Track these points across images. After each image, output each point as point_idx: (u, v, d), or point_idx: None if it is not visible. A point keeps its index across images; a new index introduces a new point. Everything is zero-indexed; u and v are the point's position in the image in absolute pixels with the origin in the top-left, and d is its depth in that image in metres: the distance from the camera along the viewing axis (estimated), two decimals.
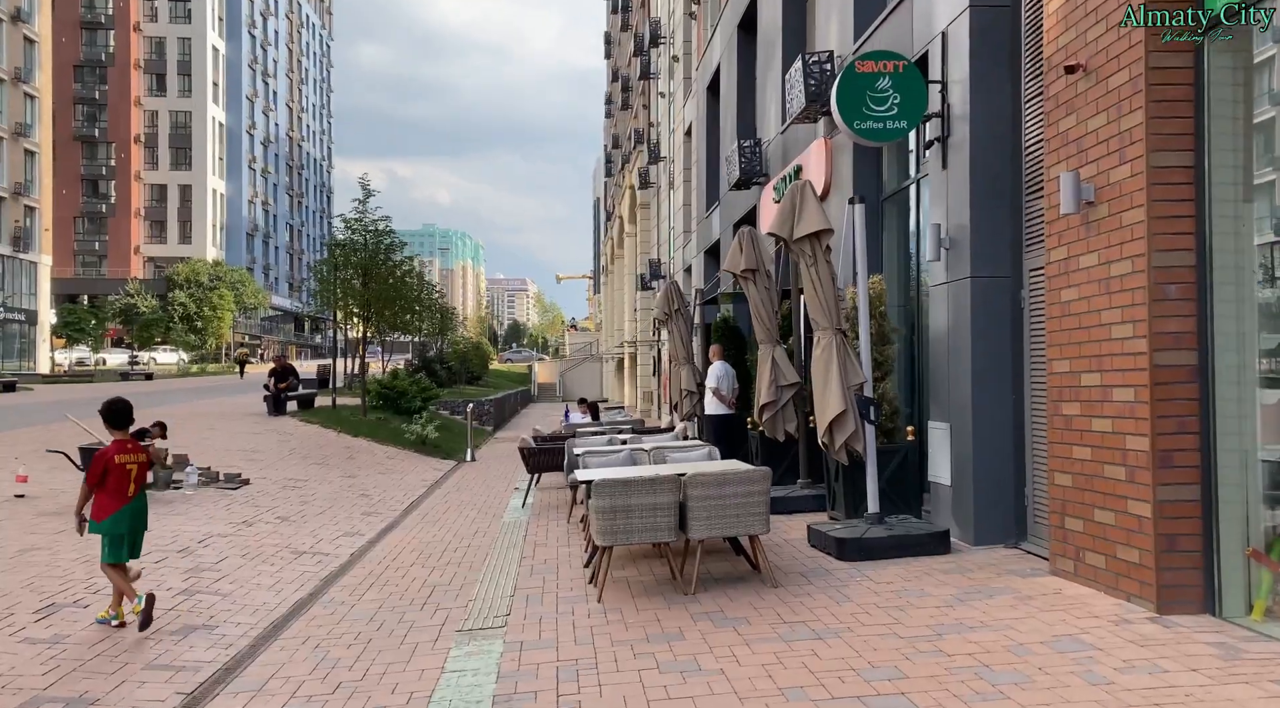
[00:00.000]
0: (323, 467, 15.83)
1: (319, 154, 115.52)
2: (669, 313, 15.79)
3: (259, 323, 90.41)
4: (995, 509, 7.67)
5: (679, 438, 11.24)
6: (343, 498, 12.98)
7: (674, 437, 11.19)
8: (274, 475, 14.27)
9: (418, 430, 19.52)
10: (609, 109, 57.27)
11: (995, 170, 7.73)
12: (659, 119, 31.94)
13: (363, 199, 21.63)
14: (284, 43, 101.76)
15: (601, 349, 62.20)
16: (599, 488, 6.51)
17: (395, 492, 14.10)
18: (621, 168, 44.68)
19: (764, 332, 10.18)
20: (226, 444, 17.07)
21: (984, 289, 7.70)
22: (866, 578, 6.85)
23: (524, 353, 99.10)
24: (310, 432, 19.53)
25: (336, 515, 11.56)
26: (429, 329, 39.54)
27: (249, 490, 12.75)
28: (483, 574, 7.85)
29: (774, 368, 10.06)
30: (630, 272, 41.99)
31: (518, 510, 11.56)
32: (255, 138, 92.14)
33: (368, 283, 21.44)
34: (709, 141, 21.27)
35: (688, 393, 15.48)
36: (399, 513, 12.12)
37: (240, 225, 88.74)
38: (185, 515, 10.67)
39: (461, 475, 16.57)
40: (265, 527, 10.37)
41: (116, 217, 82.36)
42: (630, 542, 6.65)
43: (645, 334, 34.44)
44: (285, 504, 11.97)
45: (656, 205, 32.13)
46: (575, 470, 10.59)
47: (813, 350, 7.85)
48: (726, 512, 6.64)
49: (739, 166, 15.01)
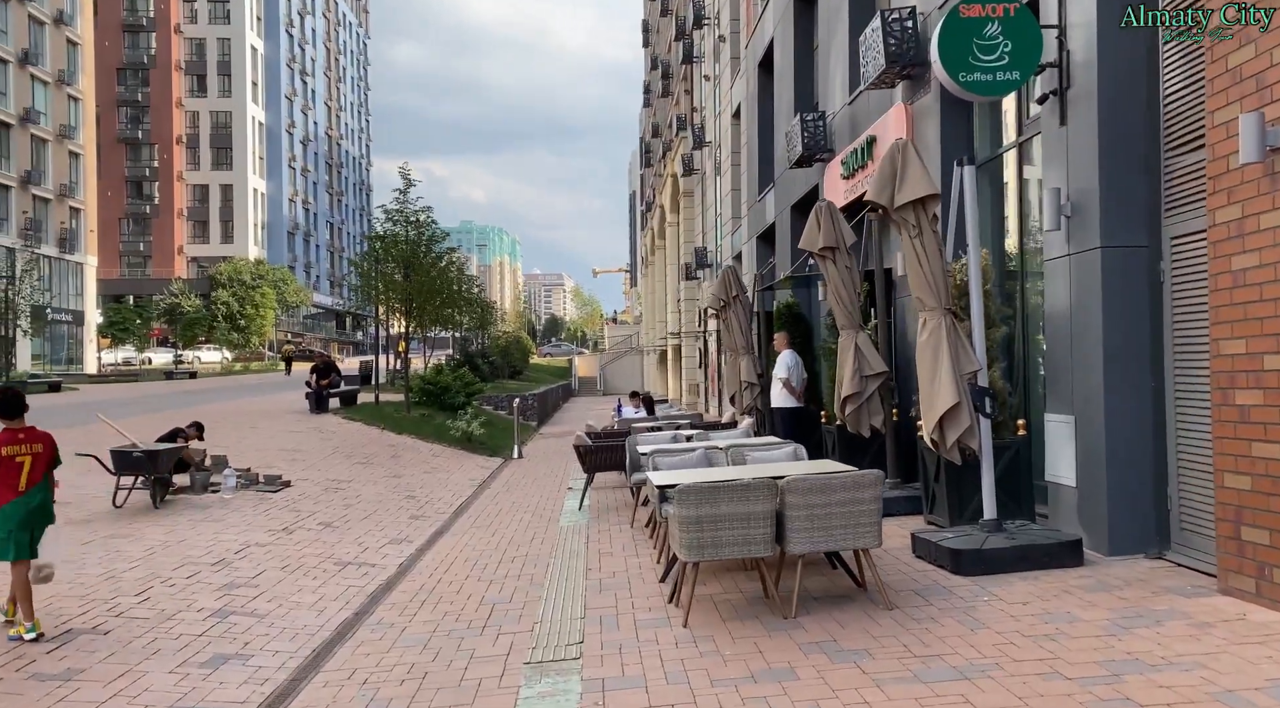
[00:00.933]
0: (366, 466, 15.14)
1: (357, 152, 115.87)
2: (726, 300, 14.86)
3: (301, 321, 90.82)
4: (1133, 514, 6.66)
5: (748, 434, 10.31)
6: (388, 500, 12.24)
7: (743, 433, 10.27)
8: (316, 476, 13.59)
9: (463, 427, 18.81)
10: (647, 98, 56.26)
11: (1128, 124, 6.70)
12: (703, 104, 30.93)
13: (403, 189, 20.95)
14: (321, 41, 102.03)
15: (642, 342, 61.33)
16: (684, 495, 5.63)
17: (442, 492, 13.34)
18: (663, 156, 43.70)
19: (845, 316, 9.22)
20: (267, 443, 16.46)
21: (1117, 261, 6.68)
22: (995, 597, 5.89)
23: (563, 347, 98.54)
24: (353, 429, 18.90)
25: (382, 520, 10.80)
26: (470, 323, 38.96)
27: (290, 493, 12.06)
28: (546, 590, 7.01)
29: (857, 356, 9.11)
30: (672, 262, 41.02)
31: (575, 514, 10.73)
32: (294, 136, 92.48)
33: (409, 275, 20.74)
34: (761, 121, 20.25)
35: (748, 385, 14.57)
36: (448, 516, 11.35)
37: (281, 224, 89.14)
38: (222, 522, 9.97)
39: (510, 474, 15.79)
40: (307, 534, 9.63)
41: (160, 217, 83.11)
42: (719, 557, 5.75)
43: (690, 325, 33.49)
44: (328, 508, 11.24)
45: (701, 192, 31.15)
46: (639, 471, 9.74)
47: (918, 335, 6.88)
48: (831, 522, 5.72)
49: (801, 142, 14.02)
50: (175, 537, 9.08)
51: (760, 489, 5.68)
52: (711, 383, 29.28)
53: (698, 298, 32.77)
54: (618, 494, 12.03)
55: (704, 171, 30.81)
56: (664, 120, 46.49)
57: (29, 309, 42.69)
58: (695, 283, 32.68)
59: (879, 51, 10.14)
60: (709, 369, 29.49)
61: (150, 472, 10.46)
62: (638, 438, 9.92)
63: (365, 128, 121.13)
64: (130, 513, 10.28)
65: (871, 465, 9.05)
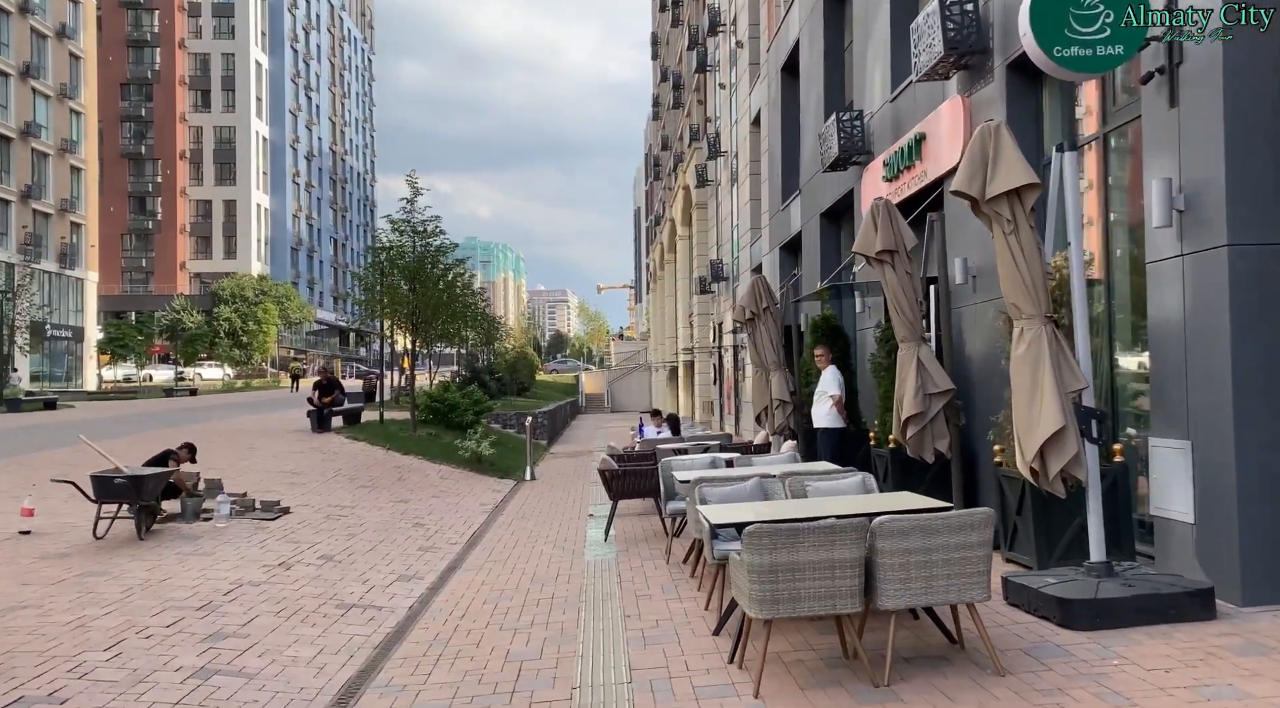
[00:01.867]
0: (371, 490, 14.19)
1: (362, 167, 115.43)
2: (755, 312, 13.94)
3: (304, 337, 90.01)
4: (1271, 557, 5.70)
5: (795, 458, 9.35)
6: (395, 529, 11.29)
7: (790, 457, 9.32)
8: (317, 501, 12.64)
9: (472, 447, 17.86)
10: (656, 111, 55.61)
11: (1260, 102, 5.78)
12: (717, 113, 30.14)
13: (410, 198, 20.06)
14: (326, 56, 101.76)
15: (650, 358, 60.40)
16: (756, 539, 4.68)
17: (453, 520, 12.38)
18: (674, 169, 42.92)
19: (906, 327, 8.29)
20: (266, 465, 15.51)
21: (1249, 261, 5.75)
22: (1123, 659, 4.93)
23: (569, 363, 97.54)
24: (356, 450, 17.96)
25: (389, 552, 9.85)
26: (476, 339, 38.07)
27: (288, 522, 11.10)
28: (581, 642, 6.05)
29: (920, 372, 8.17)
30: (683, 277, 40.16)
31: (600, 546, 9.76)
32: (299, 152, 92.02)
33: (415, 288, 19.84)
34: (784, 127, 19.40)
35: (779, 403, 13.63)
36: (460, 547, 10.39)
37: (285, 240, 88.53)
38: (213, 556, 9.01)
39: (524, 499, 14.83)
40: (306, 570, 8.67)
41: (163, 233, 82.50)
42: (797, 614, 4.80)
43: (705, 340, 32.58)
44: (330, 538, 10.28)
45: (716, 203, 30.30)
46: (675, 499, 8.79)
47: (1014, 348, 5.95)
48: (933, 571, 4.76)
49: (837, 144, 13.13)
50: (159, 574, 8.13)
51: (849, 532, 4.73)
52: (728, 400, 28.32)
53: (712, 312, 31.87)
54: (645, 523, 11.06)
55: (719, 182, 29.97)
56: (674, 132, 45.75)
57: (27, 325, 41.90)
58: (710, 297, 31.79)
59: (935, 38, 9.25)
60: (725, 386, 28.54)
61: (135, 499, 9.52)
62: (672, 462, 8.97)
63: (370, 143, 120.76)
64: (112, 545, 9.33)
65: (931, 493, 8.10)
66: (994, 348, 8.86)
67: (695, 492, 6.71)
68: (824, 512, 5.41)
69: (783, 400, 13.58)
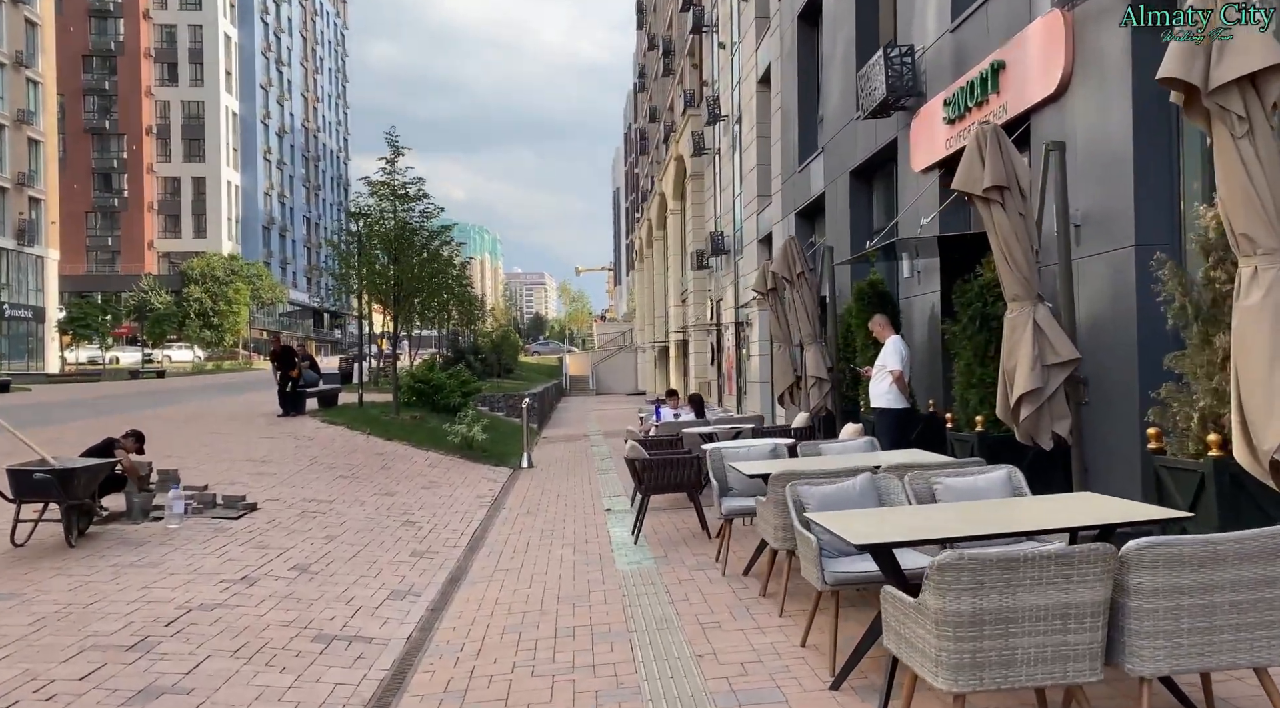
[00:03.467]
0: (352, 481, 12.49)
1: (335, 145, 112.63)
2: (789, 278, 12.35)
3: (277, 318, 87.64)
4: None
5: (873, 446, 7.74)
6: (381, 528, 9.62)
7: (866, 444, 7.70)
8: (289, 496, 10.93)
9: (463, 432, 16.18)
10: (642, 83, 53.69)
11: None
12: (715, 76, 28.40)
13: (391, 158, 18.21)
14: (298, 30, 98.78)
15: (635, 339, 58.75)
16: (953, 574, 3.08)
17: (448, 515, 10.73)
18: (665, 140, 41.13)
19: (1019, 283, 6.69)
20: (231, 453, 13.77)
21: None
22: None
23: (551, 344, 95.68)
24: (334, 435, 16.22)
25: (376, 558, 8.19)
26: (458, 319, 36.25)
27: (255, 521, 9.39)
28: (649, 701, 4.44)
29: (1036, 338, 6.59)
30: (674, 253, 38.53)
31: (630, 549, 8.15)
32: (270, 128, 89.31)
33: (397, 258, 18.06)
34: (801, 80, 17.74)
35: (816, 381, 12.06)
36: (461, 551, 8.75)
37: (256, 218, 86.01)
38: (159, 568, 7.31)
39: (525, 489, 13.19)
40: (274, 585, 7.00)
41: (129, 211, 79.84)
42: (1013, 683, 3.20)
43: (701, 318, 30.97)
44: (304, 542, 8.60)
45: (715, 172, 28.62)
46: (730, 496, 7.19)
47: (1241, 297, 4.36)
48: (1216, 620, 3.18)
49: (885, 84, 11.49)
50: (86, 595, 6.43)
51: (1092, 563, 3.13)
52: (728, 381, 26.77)
53: (709, 288, 30.27)
54: (677, 520, 9.46)
55: (716, 150, 28.29)
56: (663, 103, 43.96)
57: None
58: (706, 272, 30.16)
59: None
60: (726, 365, 26.98)
61: (62, 498, 7.79)
62: (723, 452, 7.36)
63: (344, 121, 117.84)
64: (33, 555, 7.60)
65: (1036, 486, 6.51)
66: (1116, 307, 7.31)
67: (787, 493, 5.08)
68: (1009, 526, 3.81)
69: (819, 378, 12.01)
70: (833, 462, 6.36)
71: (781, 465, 6.18)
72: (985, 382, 8.11)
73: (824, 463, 6.30)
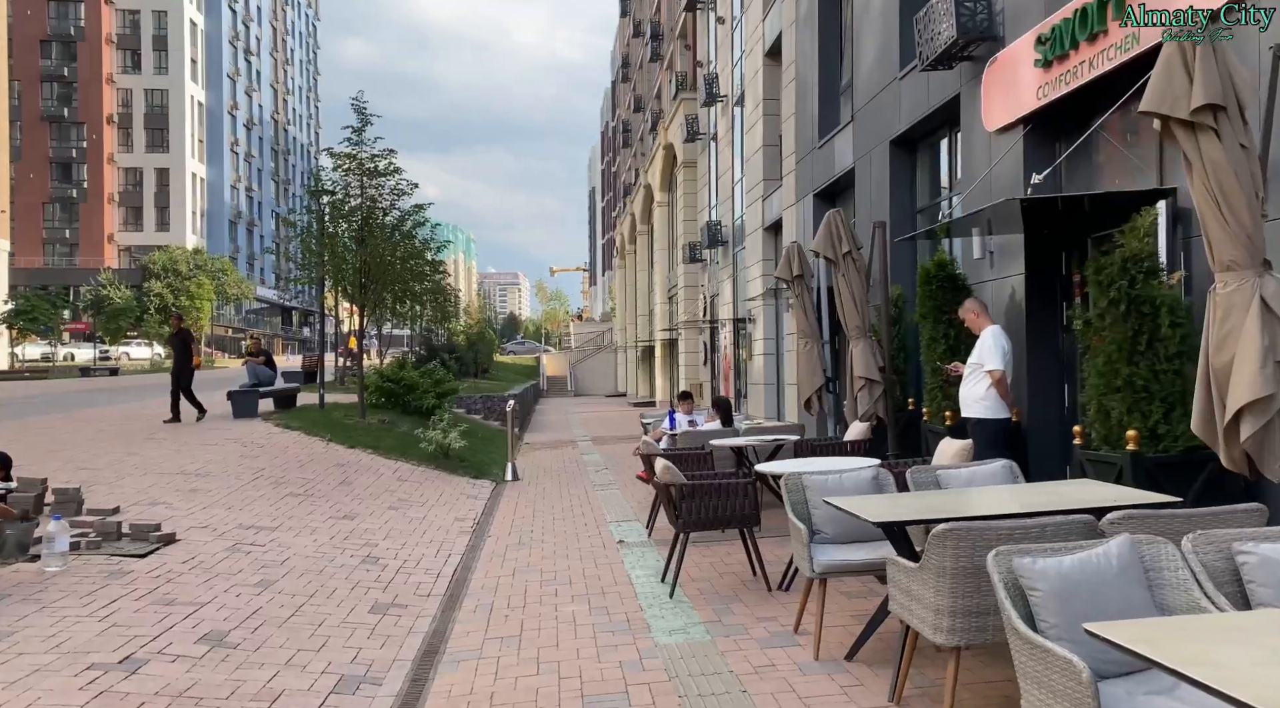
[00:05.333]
0: (304, 500, 10.31)
1: (306, 139, 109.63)
2: (834, 259, 10.36)
3: (244, 315, 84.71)
4: None
5: (1015, 475, 5.68)
6: (335, 567, 7.48)
7: (1005, 471, 5.63)
8: (222, 521, 8.75)
9: (438, 438, 14.03)
10: (626, 73, 51.60)
11: None
12: (710, 56, 26.41)
13: (358, 127, 16.01)
14: (268, 19, 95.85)
15: (616, 339, 56.63)
16: None
17: (421, 547, 8.62)
18: (653, 128, 39.06)
19: (1238, 244, 4.71)
20: (163, 465, 11.53)
21: None
22: None
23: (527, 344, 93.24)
24: (288, 442, 14.01)
25: (323, 617, 6.07)
26: (432, 315, 33.98)
27: (168, 558, 7.22)
28: None
29: (1266, 321, 4.62)
30: (661, 248, 36.48)
31: (666, 606, 6.08)
32: (237, 119, 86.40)
33: (364, 240, 15.85)
34: (823, 45, 15.76)
35: (865, 383, 10.06)
36: (438, 603, 6.65)
37: (222, 212, 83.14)
38: (5, 641, 5.14)
39: (513, 508, 11.09)
40: (167, 673, 4.85)
41: (89, 202, 76.80)
42: None
43: (694, 315, 28.95)
44: (227, 593, 6.45)
45: (712, 158, 26.60)
46: (819, 540, 5.14)
47: None
48: None
49: (955, 25, 9.49)
50: None
51: None
52: (725, 383, 24.77)
53: (702, 284, 28.26)
54: (713, 555, 7.40)
55: (711, 135, 26.29)
56: (649, 91, 41.93)
57: None
58: (699, 266, 28.15)
59: None
60: (722, 366, 24.97)
61: None
62: (805, 481, 5.29)
63: (314, 115, 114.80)
64: None
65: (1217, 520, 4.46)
66: None
67: (993, 566, 3.02)
68: None
69: (869, 379, 10.02)
70: (993, 499, 4.31)
71: (923, 505, 4.10)
72: (1135, 385, 6.13)
73: (988, 502, 4.23)
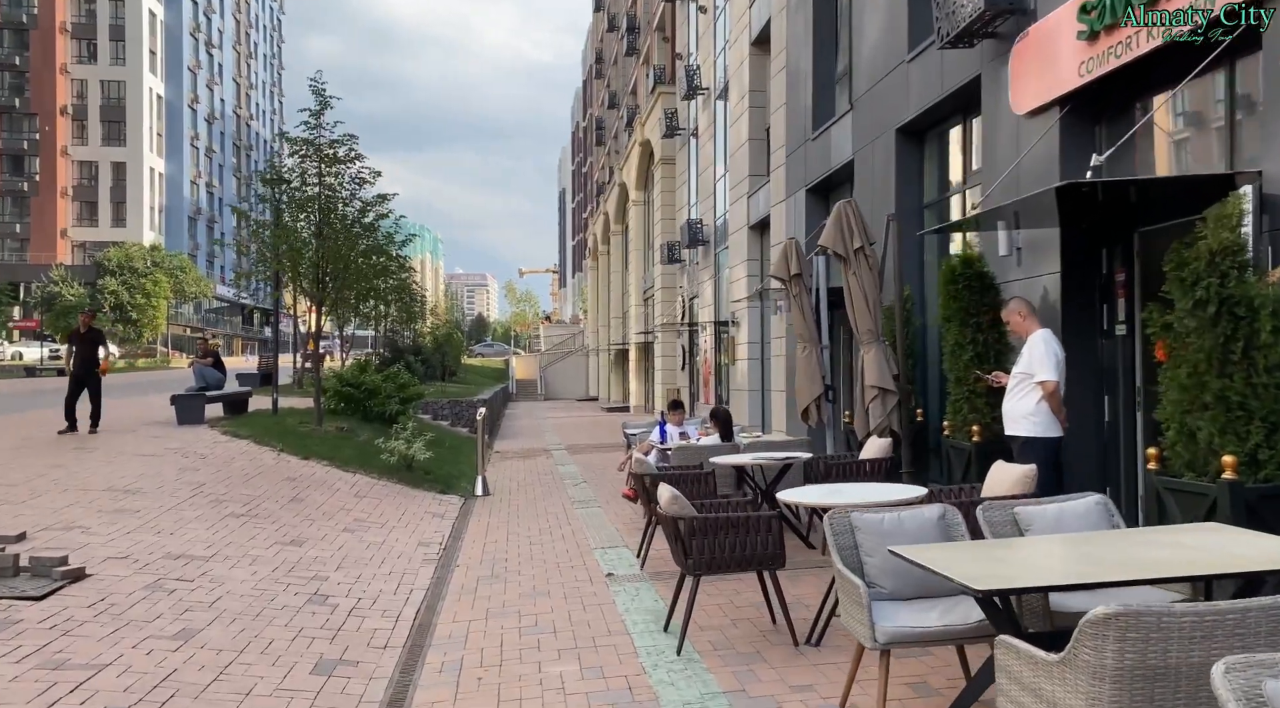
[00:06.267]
0: (247, 521, 9.10)
1: (269, 135, 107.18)
2: (844, 255, 9.36)
3: (203, 314, 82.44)
4: None
5: (1110, 511, 4.65)
6: (275, 609, 6.32)
7: (1100, 507, 4.59)
8: (146, 549, 7.54)
9: (401, 449, 12.85)
10: (599, 69, 50.52)
11: None
12: (691, 47, 25.43)
13: (316, 111, 14.77)
14: (230, 12, 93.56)
15: (587, 342, 55.47)
16: None
17: (379, 580, 7.47)
18: (629, 125, 38.00)
19: None
20: (90, 480, 10.26)
21: None
22: None
23: (496, 346, 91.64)
24: (234, 452, 12.75)
25: (252, 682, 4.92)
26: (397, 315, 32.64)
27: (70, 600, 6.02)
28: None
29: None
30: (637, 248, 35.44)
31: (672, 661, 5.01)
32: (198, 113, 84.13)
33: (321, 231, 14.62)
34: (817, 30, 14.81)
35: (878, 393, 9.06)
36: (396, 658, 5.52)
37: (181, 208, 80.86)
38: None
39: (483, 530, 9.95)
40: None
41: (40, 196, 74.33)
42: None
43: (672, 317, 27.92)
44: (136, 649, 5.27)
45: (693, 154, 25.60)
46: (876, 590, 4.09)
47: None
48: None
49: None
50: None
51: None
52: (705, 388, 23.77)
53: (681, 285, 27.24)
54: (718, 593, 6.33)
55: (693, 129, 25.28)
56: (624, 86, 40.89)
57: None
58: (678, 267, 27.13)
59: None
60: (703, 371, 23.96)
61: None
62: (854, 521, 4.23)
63: (279, 110, 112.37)
64: None
65: None
66: None
67: (1222, 685, 2.00)
68: None
69: (883, 388, 9.03)
70: (1124, 554, 3.27)
71: (1030, 563, 3.04)
72: (1229, 401, 5.16)
73: (1120, 559, 3.18)
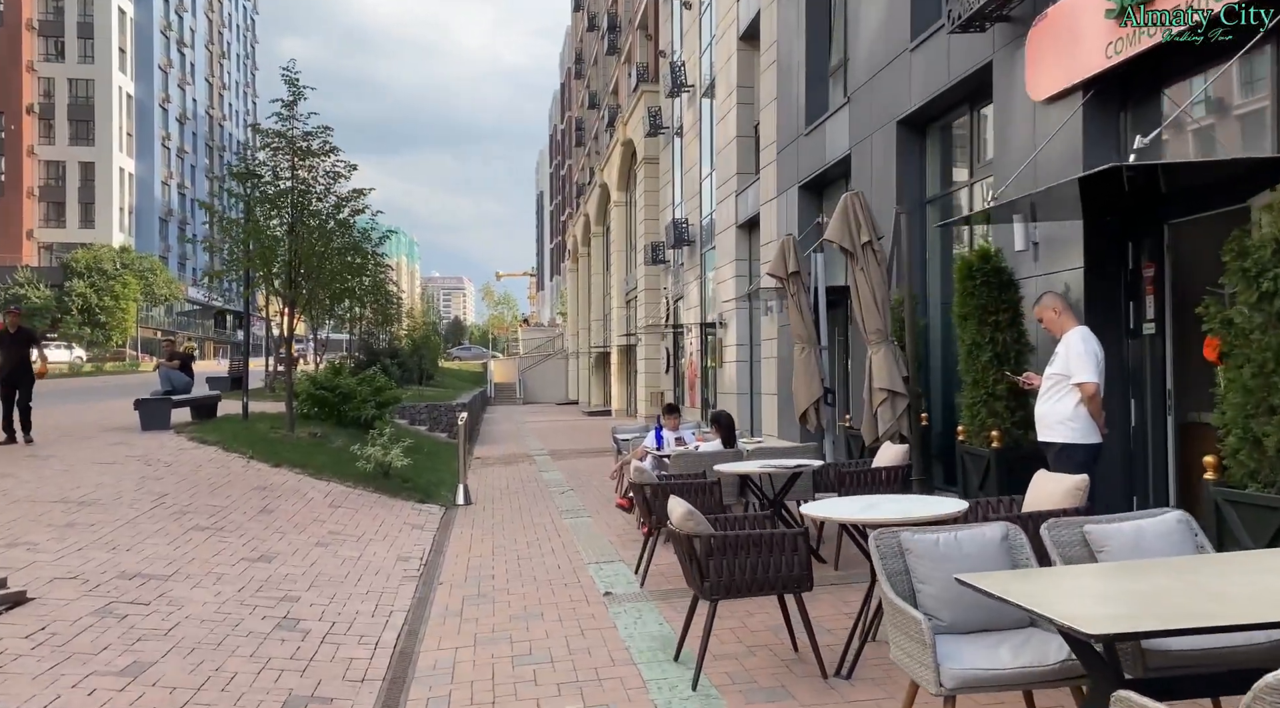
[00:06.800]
0: (212, 534, 8.45)
1: (242, 136, 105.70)
2: (851, 250, 8.85)
3: (174, 317, 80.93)
4: None
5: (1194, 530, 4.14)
6: (238, 638, 5.70)
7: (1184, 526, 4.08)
8: (99, 567, 6.88)
9: (377, 456, 12.21)
10: (579, 69, 49.94)
11: None
12: (675, 44, 24.93)
13: (289, 101, 14.11)
14: (202, 10, 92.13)
15: (566, 345, 54.82)
16: None
17: (354, 601, 6.85)
18: (610, 125, 37.45)
19: None
20: (42, 490, 9.55)
21: None
22: None
23: (474, 350, 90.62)
24: (202, 459, 12.06)
25: None
26: (373, 317, 31.90)
27: (6, 630, 5.36)
28: None
29: None
30: (619, 250, 34.89)
31: (687, 698, 4.45)
32: (169, 113, 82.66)
33: (293, 228, 13.95)
34: (810, 21, 14.35)
35: (888, 395, 8.55)
36: (376, 698, 4.92)
37: (152, 209, 79.35)
38: None
39: (466, 543, 9.35)
40: None
41: (6, 196, 72.62)
42: None
43: (656, 319, 27.38)
44: (74, 693, 4.63)
45: (677, 153, 25.08)
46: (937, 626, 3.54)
47: None
48: None
49: None
50: None
51: None
52: (690, 391, 23.23)
53: (665, 286, 26.72)
54: (730, 615, 5.78)
55: (678, 128, 24.77)
56: (605, 86, 40.35)
57: None
58: (661, 268, 26.61)
59: None
60: (689, 373, 23.43)
61: None
62: (904, 541, 3.69)
63: (252, 111, 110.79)
64: None
65: None
66: None
67: None
68: None
69: (892, 390, 8.52)
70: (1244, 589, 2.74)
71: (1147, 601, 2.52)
72: None
73: (1246, 594, 2.66)
